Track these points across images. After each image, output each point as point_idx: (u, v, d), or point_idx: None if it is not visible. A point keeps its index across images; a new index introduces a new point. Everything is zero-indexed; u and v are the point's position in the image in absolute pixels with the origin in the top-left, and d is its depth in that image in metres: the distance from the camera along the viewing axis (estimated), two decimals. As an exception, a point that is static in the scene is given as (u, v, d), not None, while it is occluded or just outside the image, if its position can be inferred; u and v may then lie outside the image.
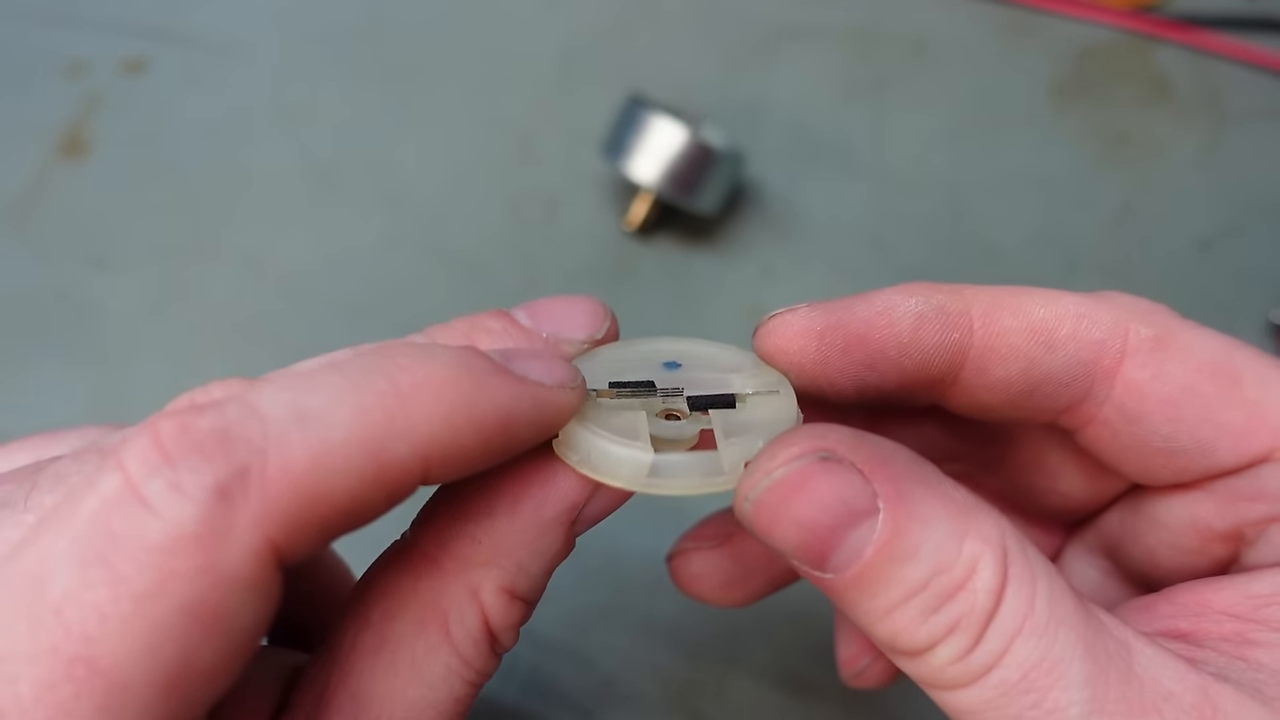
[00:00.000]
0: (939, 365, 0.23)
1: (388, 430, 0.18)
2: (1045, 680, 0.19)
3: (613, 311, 0.25)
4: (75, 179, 0.50)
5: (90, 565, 0.16)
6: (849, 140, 0.52)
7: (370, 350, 0.19)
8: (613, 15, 0.55)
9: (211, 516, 0.16)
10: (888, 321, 0.23)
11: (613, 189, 0.50)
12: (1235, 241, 0.48)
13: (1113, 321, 0.23)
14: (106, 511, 0.16)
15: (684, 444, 0.23)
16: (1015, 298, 0.23)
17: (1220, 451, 0.23)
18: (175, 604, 0.16)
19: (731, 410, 0.23)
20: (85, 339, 0.46)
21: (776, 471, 0.20)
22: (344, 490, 0.17)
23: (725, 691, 0.38)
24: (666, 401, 0.23)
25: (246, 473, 0.16)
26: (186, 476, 0.16)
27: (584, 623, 0.39)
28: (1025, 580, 0.19)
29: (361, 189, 0.50)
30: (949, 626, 0.19)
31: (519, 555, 0.21)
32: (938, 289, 0.23)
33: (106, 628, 0.16)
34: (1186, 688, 0.19)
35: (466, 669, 0.21)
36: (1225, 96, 0.52)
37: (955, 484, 0.20)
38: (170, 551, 0.16)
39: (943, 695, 0.20)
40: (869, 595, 0.20)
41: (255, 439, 0.17)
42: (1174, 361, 0.23)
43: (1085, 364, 0.23)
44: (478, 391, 0.19)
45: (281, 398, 0.17)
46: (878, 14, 0.55)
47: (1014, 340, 0.23)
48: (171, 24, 0.55)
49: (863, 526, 0.19)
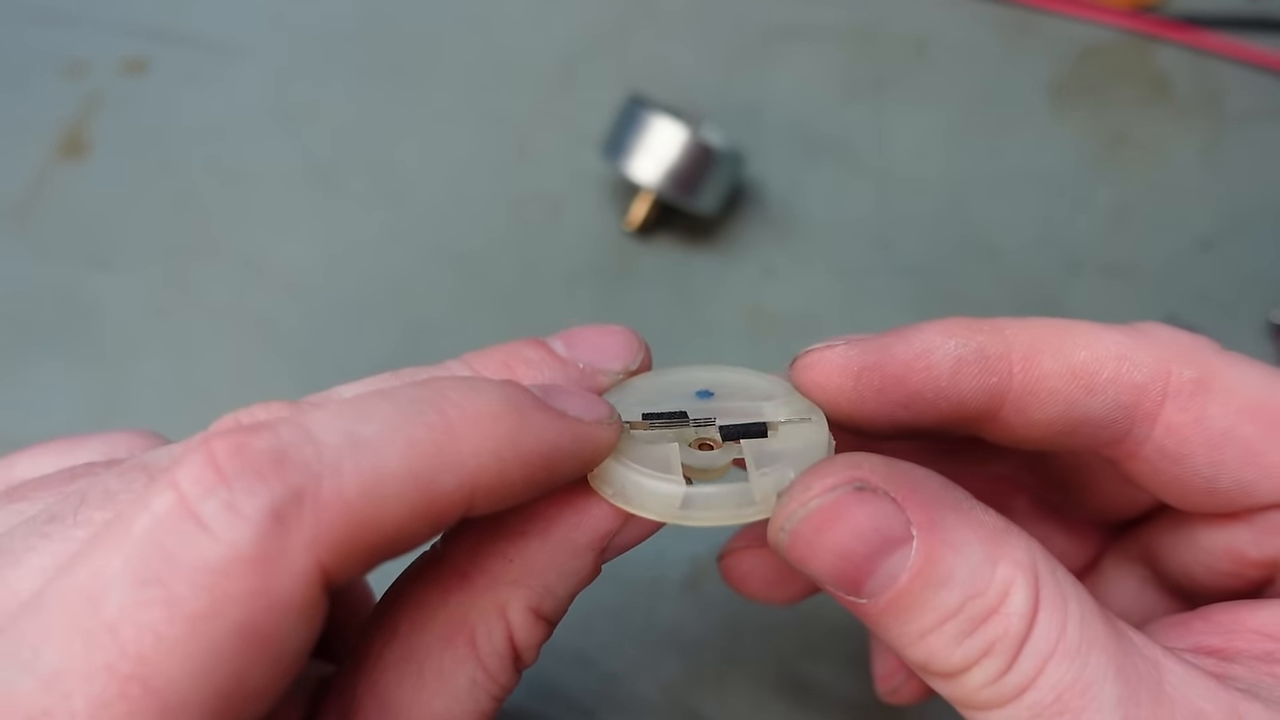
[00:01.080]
0: (976, 407, 0.23)
1: (437, 462, 0.18)
2: (1078, 702, 0.19)
3: (646, 343, 0.25)
4: (75, 179, 0.50)
5: (146, 585, 0.16)
6: (849, 140, 0.52)
7: (418, 382, 0.20)
8: (613, 15, 0.55)
9: (266, 539, 0.16)
10: (926, 364, 0.23)
11: (613, 189, 0.50)
12: (1235, 241, 0.48)
13: (1154, 364, 0.23)
14: (161, 531, 0.16)
15: (716, 473, 0.23)
16: (1056, 337, 0.23)
17: (1262, 492, 0.23)
18: (229, 626, 0.16)
19: (764, 439, 0.23)
20: (85, 339, 0.46)
21: (812, 502, 0.21)
22: (393, 519, 0.17)
23: (725, 692, 0.38)
24: (700, 431, 0.23)
25: (301, 496, 0.17)
26: (242, 498, 0.16)
27: (585, 624, 0.39)
28: (1057, 603, 0.20)
29: (362, 189, 0.50)
30: (983, 649, 0.20)
31: (547, 577, 0.22)
32: (978, 328, 0.23)
33: (161, 648, 0.16)
34: (1217, 705, 0.19)
35: (491, 683, 0.21)
36: (1225, 96, 0.53)
37: (986, 509, 0.21)
38: (225, 574, 0.16)
39: (977, 715, 0.20)
40: (904, 620, 0.20)
41: (310, 463, 0.17)
42: (1216, 404, 0.22)
43: (1126, 407, 0.23)
44: (523, 427, 0.19)
45: (335, 424, 0.18)
46: (878, 14, 0.55)
47: (1054, 384, 0.23)
48: (171, 24, 0.55)
49: (897, 554, 0.20)
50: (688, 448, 0.23)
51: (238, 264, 0.48)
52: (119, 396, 0.45)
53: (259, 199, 0.50)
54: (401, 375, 0.22)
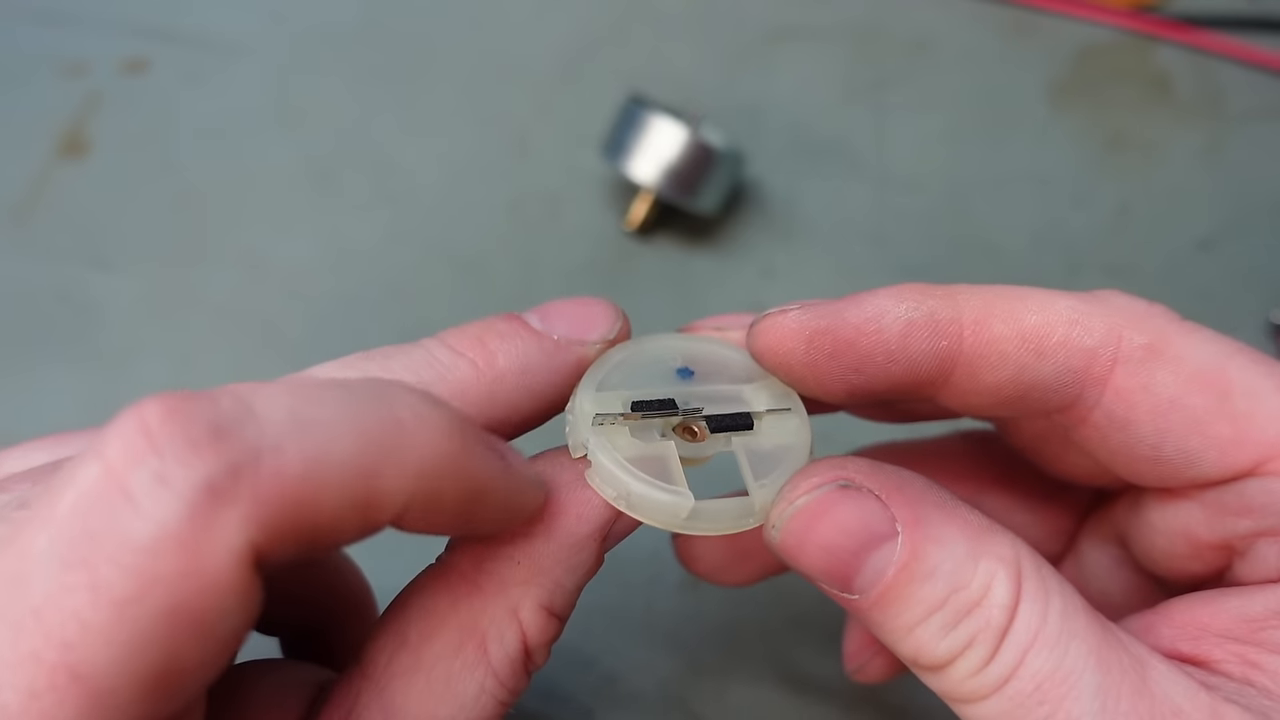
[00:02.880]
0: (927, 371, 0.23)
1: (381, 457, 0.17)
2: (1057, 691, 0.19)
3: (623, 312, 0.25)
4: (75, 179, 0.50)
5: (70, 568, 0.15)
6: (849, 140, 0.52)
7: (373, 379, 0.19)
8: (613, 15, 0.55)
9: (198, 516, 0.15)
10: (877, 329, 0.23)
11: (613, 189, 0.50)
12: (1235, 241, 0.48)
13: (1105, 329, 0.23)
14: (86, 507, 0.15)
15: (702, 461, 0.24)
16: (1008, 302, 0.23)
17: (1206, 463, 0.23)
18: (157, 609, 0.15)
19: (750, 435, 0.24)
20: (85, 339, 0.46)
21: (799, 500, 0.21)
22: (330, 506, 0.17)
23: (725, 691, 0.38)
24: (687, 419, 0.24)
25: (238, 471, 0.16)
26: (174, 469, 0.15)
27: (584, 622, 0.39)
28: (1038, 596, 0.20)
29: (362, 189, 0.50)
30: (966, 641, 0.20)
31: (556, 573, 0.22)
32: (930, 293, 0.23)
33: (87, 635, 0.15)
34: (1197, 706, 0.19)
35: (500, 689, 0.21)
36: (1225, 96, 0.52)
37: (971, 508, 0.21)
38: (153, 553, 0.15)
39: (964, 709, 0.21)
40: (892, 614, 0.21)
41: (250, 437, 0.16)
42: (1165, 371, 0.22)
43: (1076, 371, 0.23)
44: (467, 450, 0.19)
45: (280, 400, 0.17)
46: (877, 14, 0.55)
47: (1004, 348, 0.23)
48: (171, 24, 0.55)
49: (883, 549, 0.21)
50: (674, 433, 0.24)
51: (238, 264, 0.48)
52: (118, 396, 0.44)
53: (259, 199, 0.50)
54: (374, 356, 0.22)
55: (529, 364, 0.23)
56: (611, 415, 0.23)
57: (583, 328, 0.24)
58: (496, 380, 0.22)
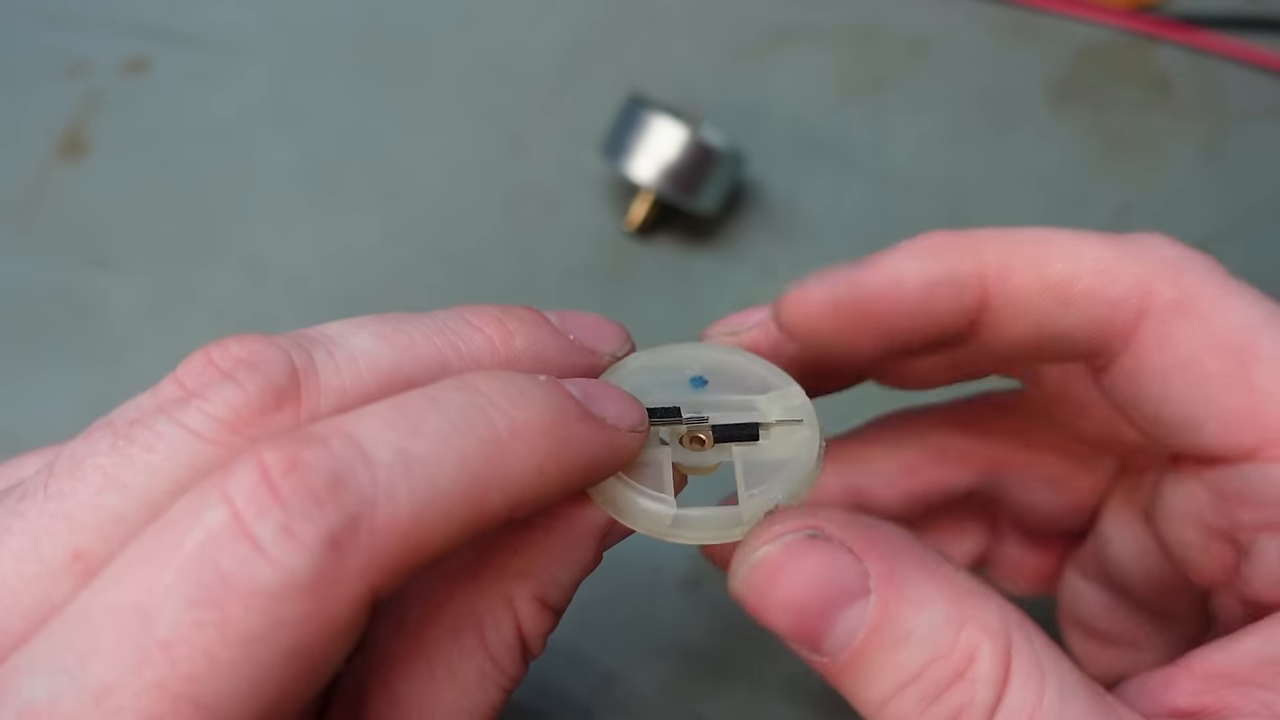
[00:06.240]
0: (954, 327, 0.23)
1: (488, 480, 0.18)
2: None
3: (632, 338, 0.25)
4: (75, 179, 0.50)
5: (199, 605, 0.16)
6: (849, 140, 0.52)
7: (460, 383, 0.19)
8: (613, 15, 0.55)
9: (323, 567, 0.16)
10: (899, 295, 0.22)
11: (613, 189, 0.50)
12: (1235, 241, 0.48)
13: (1133, 280, 0.22)
14: (215, 549, 0.16)
15: (707, 470, 0.23)
16: (1034, 248, 0.22)
17: (1207, 433, 0.22)
18: (282, 649, 0.16)
19: (755, 446, 0.23)
20: (85, 339, 0.46)
21: (762, 549, 0.20)
22: (442, 537, 0.17)
23: (724, 691, 0.38)
24: (691, 428, 0.23)
25: (358, 523, 0.16)
26: (300, 523, 0.16)
27: (584, 621, 0.39)
28: (1031, 673, 0.18)
29: (362, 189, 0.50)
30: (948, 719, 0.18)
31: (552, 567, 0.22)
32: (948, 245, 0.22)
33: (214, 669, 0.15)
34: None
35: (500, 674, 0.21)
36: (1225, 96, 0.52)
37: (958, 569, 0.20)
38: (281, 598, 0.16)
39: None
40: (864, 683, 0.19)
41: (365, 486, 0.17)
42: (1187, 330, 0.21)
43: (1100, 322, 0.22)
44: (569, 440, 0.19)
45: (387, 438, 0.17)
46: (877, 14, 0.55)
47: (1027, 299, 0.22)
48: (171, 24, 0.55)
49: (854, 608, 0.19)
50: (679, 444, 0.23)
51: (238, 264, 0.48)
52: (119, 396, 0.44)
53: (259, 199, 0.50)
54: (389, 320, 0.22)
55: (544, 354, 0.22)
56: None
57: (596, 338, 0.24)
58: (511, 361, 0.22)
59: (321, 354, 0.20)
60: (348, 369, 0.20)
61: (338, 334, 0.21)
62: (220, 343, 0.20)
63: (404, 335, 0.21)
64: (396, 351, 0.20)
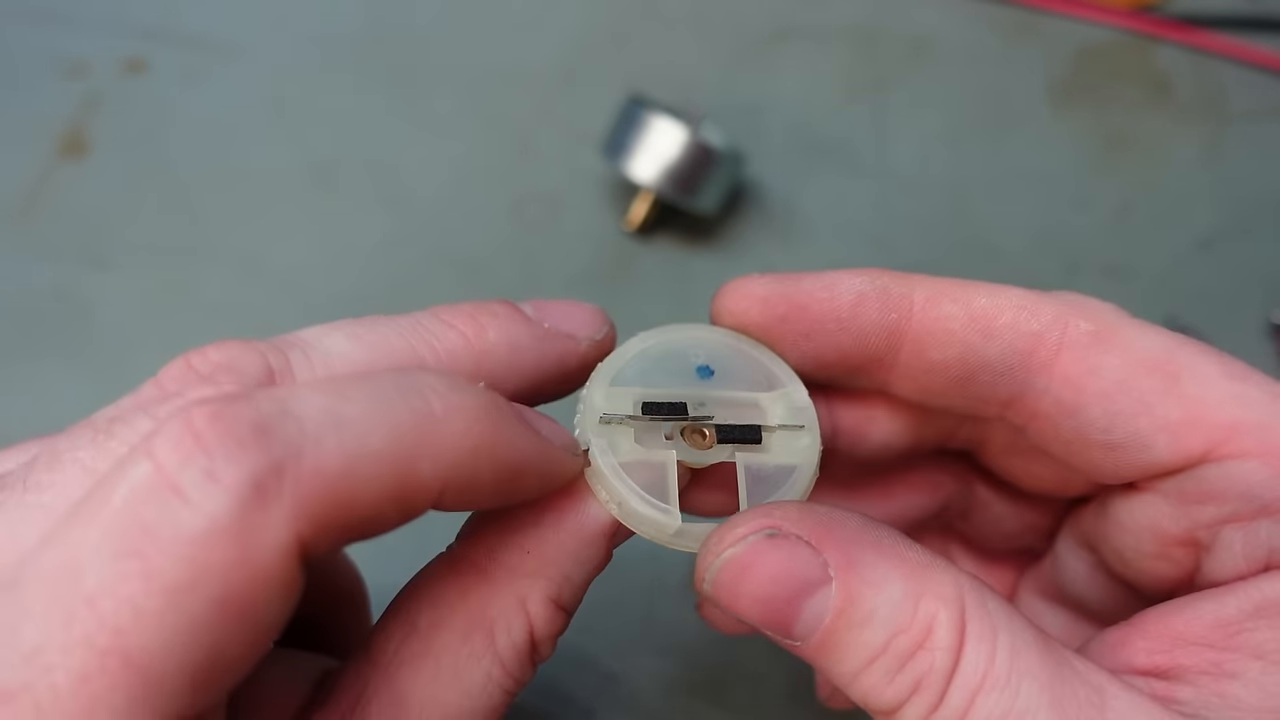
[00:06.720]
0: (876, 343, 0.24)
1: (416, 449, 0.18)
2: None
3: (611, 321, 0.25)
4: (75, 179, 0.50)
5: (123, 557, 0.16)
6: (849, 140, 0.52)
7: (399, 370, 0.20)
8: (613, 15, 0.55)
9: (246, 510, 0.16)
10: (829, 296, 0.24)
11: (613, 189, 0.50)
12: (1235, 241, 0.48)
13: (1053, 315, 0.23)
14: (139, 501, 0.16)
15: (705, 465, 0.24)
16: (961, 288, 0.24)
17: (1158, 446, 0.22)
18: (208, 598, 0.16)
19: (757, 450, 0.24)
20: (85, 338, 0.46)
21: (725, 553, 0.21)
22: (368, 499, 0.17)
23: (725, 691, 0.38)
24: (696, 424, 0.24)
25: (282, 467, 0.16)
26: (223, 466, 0.16)
27: (586, 623, 0.39)
28: (984, 635, 0.20)
29: (362, 189, 0.50)
30: (912, 686, 0.20)
31: (565, 566, 0.22)
32: (888, 273, 0.24)
33: (140, 621, 0.16)
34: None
35: (506, 678, 0.21)
36: (1225, 96, 0.52)
37: (911, 544, 0.21)
38: (204, 545, 0.16)
39: None
40: (836, 661, 0.20)
41: (292, 436, 0.17)
42: (1112, 355, 0.23)
43: (1021, 354, 0.23)
44: (501, 431, 0.19)
45: (316, 399, 0.17)
46: (878, 14, 0.55)
47: (952, 325, 0.24)
48: (171, 24, 0.55)
49: (818, 595, 0.20)
50: (681, 438, 0.24)
51: (237, 264, 0.48)
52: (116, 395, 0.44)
53: (258, 199, 0.50)
54: (364, 322, 0.22)
55: (518, 343, 0.23)
56: (618, 416, 0.23)
57: (572, 323, 0.25)
58: (485, 353, 0.23)
59: (297, 356, 0.21)
60: (322, 369, 0.21)
61: (313, 337, 0.22)
62: (200, 350, 0.21)
63: (378, 335, 0.22)
64: (371, 352, 0.21)
